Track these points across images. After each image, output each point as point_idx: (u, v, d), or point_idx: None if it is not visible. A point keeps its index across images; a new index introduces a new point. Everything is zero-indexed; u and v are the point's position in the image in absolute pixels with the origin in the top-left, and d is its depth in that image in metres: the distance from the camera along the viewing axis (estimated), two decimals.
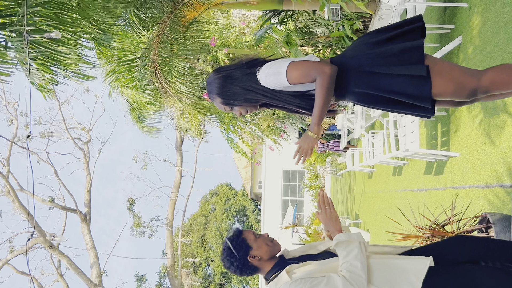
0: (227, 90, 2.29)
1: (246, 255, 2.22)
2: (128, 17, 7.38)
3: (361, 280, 1.94)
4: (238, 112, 2.37)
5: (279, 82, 2.21)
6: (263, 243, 2.25)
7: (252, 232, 2.30)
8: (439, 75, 2.11)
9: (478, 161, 4.06)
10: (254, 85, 2.27)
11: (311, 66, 2.17)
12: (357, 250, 2.02)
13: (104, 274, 16.92)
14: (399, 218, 4.88)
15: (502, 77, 2.12)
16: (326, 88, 2.13)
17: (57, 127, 18.92)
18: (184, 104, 8.25)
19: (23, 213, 14.75)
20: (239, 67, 2.32)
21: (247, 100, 2.31)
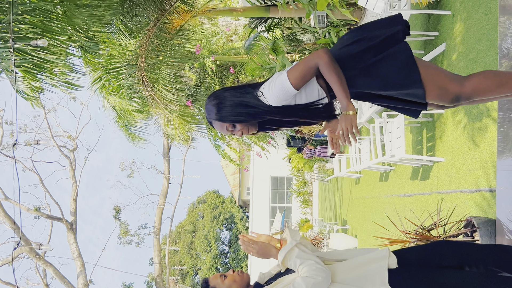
0: (227, 106, 2.23)
1: None
2: (115, 25, 7.37)
3: (318, 269, 2.02)
4: (240, 132, 2.30)
5: (285, 92, 2.17)
6: (232, 282, 2.30)
7: (219, 276, 2.35)
8: (424, 80, 2.15)
9: (463, 166, 4.12)
10: (256, 101, 2.23)
11: (307, 58, 2.17)
12: (296, 251, 2.12)
13: (91, 283, 16.74)
14: (386, 224, 4.92)
15: (485, 84, 2.16)
16: (332, 67, 2.11)
17: (43, 135, 18.77)
18: (171, 112, 8.24)
19: (8, 222, 14.54)
20: (238, 87, 2.30)
21: (249, 115, 2.24)
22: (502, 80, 2.17)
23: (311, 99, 2.26)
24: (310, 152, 14.96)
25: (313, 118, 2.34)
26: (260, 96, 2.22)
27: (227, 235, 35.98)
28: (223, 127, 2.29)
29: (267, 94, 2.21)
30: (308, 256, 2.09)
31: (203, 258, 33.15)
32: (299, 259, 2.08)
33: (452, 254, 2.21)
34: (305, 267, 2.03)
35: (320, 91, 2.25)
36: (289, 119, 2.32)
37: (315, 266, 2.03)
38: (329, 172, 16.36)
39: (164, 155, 18.15)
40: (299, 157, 17.45)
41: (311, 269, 2.01)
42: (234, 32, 13.47)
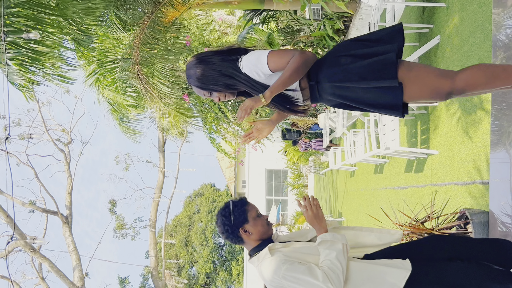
0: (206, 75, 2.29)
1: (240, 225, 2.25)
2: (108, 18, 7.32)
3: (339, 279, 1.97)
4: (217, 98, 2.37)
5: (259, 68, 2.22)
6: (260, 224, 2.28)
7: (256, 209, 2.34)
8: (415, 82, 2.15)
9: (457, 158, 4.13)
10: (234, 72, 2.28)
11: (291, 51, 2.21)
12: (339, 251, 2.05)
13: (87, 276, 16.76)
14: (380, 216, 4.94)
15: (477, 78, 2.16)
16: (296, 67, 2.15)
17: (37, 129, 18.69)
18: (166, 105, 8.21)
19: (3, 216, 14.51)
20: (220, 54, 2.33)
21: (226, 86, 2.31)
22: (495, 73, 2.17)
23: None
24: (305, 145, 14.98)
25: (279, 105, 2.37)
26: (239, 62, 2.28)
27: None
28: (201, 92, 2.36)
29: (245, 61, 2.26)
30: (343, 260, 2.03)
31: (199, 251, 33.22)
32: (335, 257, 2.02)
33: (444, 248, 2.22)
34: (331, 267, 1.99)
35: (296, 85, 2.29)
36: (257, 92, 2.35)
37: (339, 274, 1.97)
38: (324, 165, 16.39)
39: (159, 149, 18.12)
40: (295, 150, 17.48)
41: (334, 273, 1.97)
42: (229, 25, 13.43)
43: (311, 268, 2.00)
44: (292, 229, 14.27)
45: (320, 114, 12.81)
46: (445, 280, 2.03)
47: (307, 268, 2.00)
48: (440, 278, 2.04)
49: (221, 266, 32.36)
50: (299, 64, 2.15)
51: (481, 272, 2.06)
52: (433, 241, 2.29)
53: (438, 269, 2.07)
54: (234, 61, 2.29)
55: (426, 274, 2.05)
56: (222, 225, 2.28)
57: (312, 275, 1.97)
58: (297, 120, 14.52)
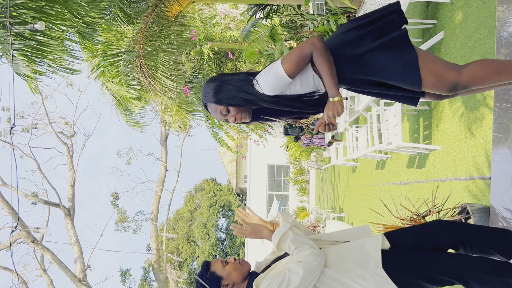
0: (224, 89, 2.25)
1: (219, 286, 2.28)
2: (113, 11, 7.34)
3: (312, 253, 2.04)
4: (233, 117, 2.30)
5: (279, 80, 2.18)
6: (232, 269, 2.31)
7: (220, 261, 2.36)
8: (421, 66, 2.15)
9: (459, 154, 4.15)
10: (252, 89, 2.24)
11: (300, 46, 2.17)
12: (291, 235, 2.13)
13: (88, 268, 16.85)
14: (382, 210, 4.96)
15: (482, 72, 2.17)
16: (325, 56, 2.13)
17: (40, 121, 18.73)
18: (169, 98, 8.24)
19: (6, 207, 14.58)
20: (237, 74, 2.31)
21: (244, 100, 2.25)
22: (500, 68, 2.18)
23: (306, 86, 2.26)
24: (308, 141, 14.98)
25: (306, 109, 2.35)
26: (255, 85, 2.23)
27: (224, 222, 36.15)
28: (218, 110, 2.29)
29: (262, 83, 2.22)
30: (302, 240, 2.11)
31: (201, 246, 33.31)
32: (293, 243, 2.10)
33: (447, 234, 2.25)
34: (300, 252, 2.06)
35: (315, 79, 2.25)
36: (283, 109, 2.33)
37: (310, 251, 2.05)
38: (326, 160, 16.41)
39: (161, 142, 18.15)
40: (297, 146, 17.49)
41: (305, 254, 2.04)
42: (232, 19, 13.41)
43: (290, 269, 2.05)
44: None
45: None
46: (446, 271, 2.06)
47: (288, 272, 2.05)
48: (440, 269, 2.07)
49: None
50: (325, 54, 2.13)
51: (481, 264, 2.09)
52: (438, 226, 2.32)
53: (439, 260, 2.10)
54: (249, 82, 2.25)
55: (428, 264, 2.08)
56: None
57: (294, 273, 2.03)
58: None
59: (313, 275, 2.03)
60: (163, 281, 18.38)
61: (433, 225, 2.34)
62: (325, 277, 2.06)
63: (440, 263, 2.09)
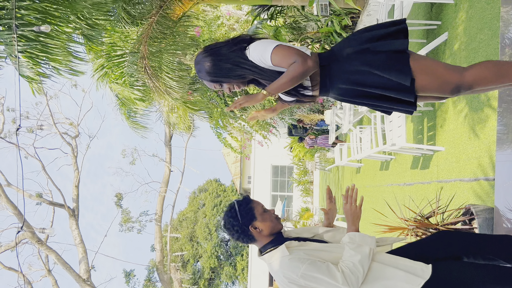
0: (215, 67, 2.30)
1: (249, 223, 2.24)
2: (117, 12, 7.36)
3: (358, 282, 2.00)
4: (227, 89, 2.39)
5: (264, 59, 2.24)
6: (268, 218, 2.28)
7: (262, 205, 2.34)
8: (423, 72, 2.16)
9: (463, 155, 4.14)
10: (242, 60, 2.29)
11: (296, 53, 2.20)
12: (365, 255, 2.04)
13: (93, 269, 16.89)
14: (386, 211, 4.96)
15: (485, 74, 2.17)
16: (295, 76, 2.17)
17: (45, 122, 18.80)
18: (174, 99, 8.25)
19: (11, 208, 14.65)
20: (226, 44, 2.34)
21: (236, 76, 2.33)
22: (503, 70, 2.19)
23: None
24: (312, 142, 14.99)
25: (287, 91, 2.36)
26: (246, 50, 2.29)
27: None
28: (211, 85, 2.39)
29: (252, 49, 2.28)
30: (365, 265, 2.03)
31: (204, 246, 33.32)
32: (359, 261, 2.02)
33: (450, 245, 2.24)
34: (352, 270, 2.00)
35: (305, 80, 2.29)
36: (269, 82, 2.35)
37: (358, 278, 1.99)
38: (330, 161, 16.40)
39: (165, 143, 18.19)
40: (300, 146, 17.49)
41: (354, 277, 1.98)
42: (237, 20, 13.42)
43: (330, 269, 2.01)
44: (297, 225, 14.29)
45: (327, 111, 12.82)
46: (452, 280, 2.05)
47: (327, 268, 2.01)
48: (445, 277, 2.06)
49: (226, 261, 32.46)
50: (297, 74, 2.17)
51: (488, 272, 2.08)
52: (441, 238, 2.31)
53: (446, 269, 2.09)
54: (240, 50, 2.30)
55: (435, 274, 2.08)
56: (231, 226, 2.25)
57: (331, 275, 1.99)
58: (303, 117, 14.53)
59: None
60: (167, 281, 18.41)
61: (437, 236, 2.34)
62: None
63: (447, 272, 2.08)
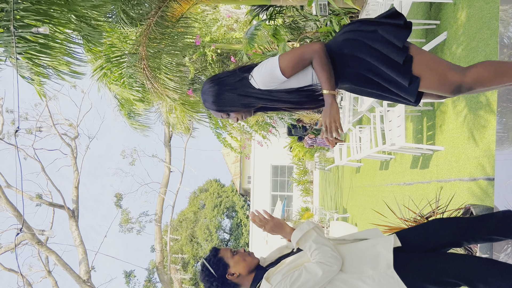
0: (222, 97, 2.27)
1: (225, 273, 2.25)
2: (116, 13, 7.36)
3: (333, 256, 2.04)
4: (235, 118, 2.35)
5: (274, 77, 2.19)
6: (241, 259, 2.29)
7: (229, 250, 2.34)
8: (425, 68, 2.15)
9: (462, 155, 4.14)
10: (248, 90, 2.25)
11: (301, 49, 2.18)
12: (314, 235, 2.11)
13: (93, 270, 16.89)
14: (385, 211, 4.96)
15: (485, 74, 2.17)
16: (324, 63, 2.14)
17: (44, 123, 18.78)
18: (172, 100, 8.25)
19: (10, 209, 14.63)
20: (232, 74, 2.31)
21: (242, 105, 2.29)
22: (503, 70, 2.19)
23: (303, 83, 2.26)
24: (311, 141, 14.97)
25: (302, 103, 2.33)
26: (250, 79, 2.24)
27: (228, 223, 36.16)
28: (219, 115, 2.35)
29: (256, 77, 2.23)
30: (324, 241, 2.10)
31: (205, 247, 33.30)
32: (315, 243, 2.08)
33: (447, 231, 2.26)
34: (321, 253, 2.04)
35: (314, 77, 2.25)
36: (278, 104, 2.33)
37: (331, 254, 2.03)
38: (329, 161, 16.40)
39: (165, 144, 18.17)
40: (300, 146, 17.49)
41: (326, 256, 2.02)
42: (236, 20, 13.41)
43: (307, 268, 2.03)
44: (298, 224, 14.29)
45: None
46: (453, 273, 2.06)
47: (304, 271, 2.03)
48: (448, 271, 2.07)
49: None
50: (325, 60, 2.14)
51: (489, 266, 2.09)
52: (437, 224, 2.32)
53: (446, 262, 2.10)
54: (245, 79, 2.26)
55: (436, 266, 2.08)
56: (210, 284, 2.28)
57: (311, 273, 2.01)
58: (303, 116, 14.52)
59: (329, 278, 2.02)
60: (167, 282, 18.40)
61: (432, 224, 2.35)
62: (334, 277, 2.05)
63: (448, 265, 2.08)
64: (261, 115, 12.16)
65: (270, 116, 12.93)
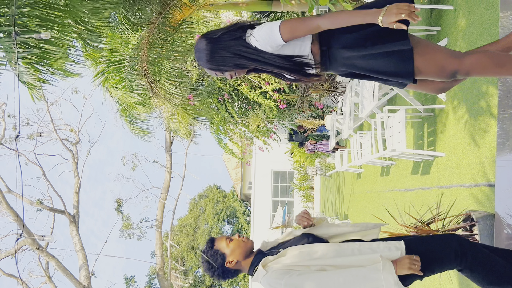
0: (215, 56, 2.26)
1: (223, 262, 2.34)
2: (117, 18, 7.37)
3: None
4: (229, 75, 2.36)
5: (272, 39, 2.17)
6: (236, 246, 2.36)
7: (224, 238, 2.41)
8: (422, 54, 2.16)
9: (463, 161, 4.13)
10: (243, 49, 2.24)
11: (304, 18, 2.18)
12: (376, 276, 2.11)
13: (93, 275, 16.84)
14: (386, 217, 4.94)
15: (483, 62, 2.19)
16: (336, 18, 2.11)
17: (45, 128, 18.81)
18: (173, 105, 8.25)
19: (11, 214, 14.62)
20: (227, 32, 2.28)
21: (235, 65, 2.29)
22: (501, 61, 2.20)
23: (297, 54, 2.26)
24: (312, 147, 14.97)
25: (292, 71, 2.31)
26: (249, 37, 2.23)
27: (229, 229, 36.10)
28: (212, 73, 2.36)
29: (257, 35, 2.22)
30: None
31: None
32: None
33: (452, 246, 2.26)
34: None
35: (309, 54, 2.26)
36: (269, 68, 2.32)
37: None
38: (330, 166, 16.38)
39: (166, 149, 18.18)
40: (301, 152, 17.47)
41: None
42: None
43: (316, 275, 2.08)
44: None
45: (327, 116, 12.81)
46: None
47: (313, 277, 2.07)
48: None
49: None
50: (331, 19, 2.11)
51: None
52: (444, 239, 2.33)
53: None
54: (241, 38, 2.25)
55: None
56: (213, 274, 2.38)
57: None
58: (304, 122, 14.52)
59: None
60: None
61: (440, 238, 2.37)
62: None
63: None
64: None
65: (271, 122, 12.94)
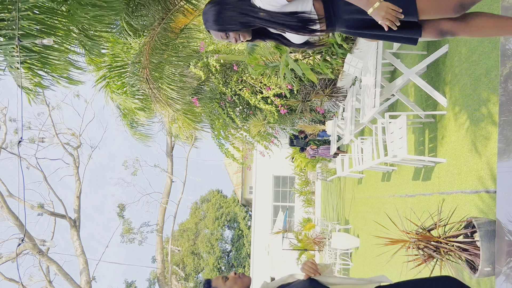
0: (222, 16, 2.32)
1: None
2: (119, 24, 7.40)
3: None
4: (234, 39, 2.40)
5: (275, 0, 2.25)
6: (233, 284, 2.37)
7: (221, 277, 2.43)
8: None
9: (464, 167, 4.13)
10: (248, 8, 2.32)
11: None
12: None
13: (94, 280, 16.82)
14: (387, 224, 4.94)
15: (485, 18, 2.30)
16: None
17: (47, 133, 18.85)
18: (175, 110, 8.27)
19: (12, 219, 14.64)
20: None
21: (241, 24, 2.34)
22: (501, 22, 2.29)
23: (300, 8, 2.31)
24: (313, 152, 14.97)
25: (297, 29, 2.36)
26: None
27: (229, 234, 36.05)
28: (218, 35, 2.40)
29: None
30: None
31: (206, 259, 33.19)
32: None
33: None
34: None
35: (311, 9, 2.31)
36: (274, 26, 2.36)
37: None
38: (331, 171, 16.37)
39: (167, 154, 18.20)
40: (302, 157, 17.47)
41: None
42: None
43: None
44: (298, 236, 14.22)
45: (328, 121, 12.82)
46: None
47: None
48: None
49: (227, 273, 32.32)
50: None
51: None
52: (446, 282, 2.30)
53: None
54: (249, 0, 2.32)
55: None
56: None
57: None
58: (305, 127, 14.53)
59: None
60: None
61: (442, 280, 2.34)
62: None
63: None
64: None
65: (272, 127, 12.95)
